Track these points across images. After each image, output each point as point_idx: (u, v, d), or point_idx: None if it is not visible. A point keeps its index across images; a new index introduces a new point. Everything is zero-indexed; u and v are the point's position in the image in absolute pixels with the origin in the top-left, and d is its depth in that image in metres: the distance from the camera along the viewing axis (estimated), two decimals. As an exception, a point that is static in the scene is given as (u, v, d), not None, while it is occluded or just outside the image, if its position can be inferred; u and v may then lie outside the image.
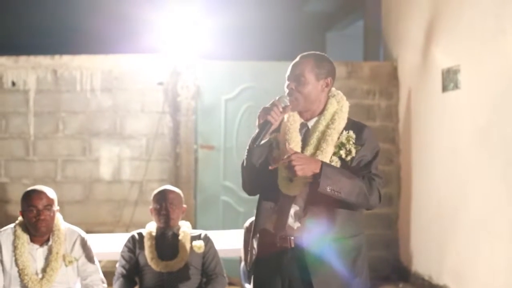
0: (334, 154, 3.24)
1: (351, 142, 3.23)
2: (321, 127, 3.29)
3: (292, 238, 3.25)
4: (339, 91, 3.45)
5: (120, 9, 8.97)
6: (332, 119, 3.30)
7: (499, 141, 5.72)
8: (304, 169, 3.10)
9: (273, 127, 3.28)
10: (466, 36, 6.28)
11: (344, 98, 3.41)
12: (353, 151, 3.23)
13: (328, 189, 3.10)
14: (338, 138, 3.25)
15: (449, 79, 6.57)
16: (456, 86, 6.46)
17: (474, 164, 6.15)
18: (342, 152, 3.23)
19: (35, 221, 4.08)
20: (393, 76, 7.96)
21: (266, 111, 3.24)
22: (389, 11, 8.32)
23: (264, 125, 3.23)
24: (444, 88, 6.68)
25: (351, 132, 3.26)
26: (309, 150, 3.27)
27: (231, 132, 7.71)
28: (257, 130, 3.27)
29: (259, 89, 7.63)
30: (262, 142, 3.28)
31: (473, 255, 6.16)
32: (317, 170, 3.11)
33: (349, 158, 3.23)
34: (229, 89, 7.75)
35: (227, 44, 8.39)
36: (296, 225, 3.25)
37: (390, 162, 7.95)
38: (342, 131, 3.28)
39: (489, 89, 5.90)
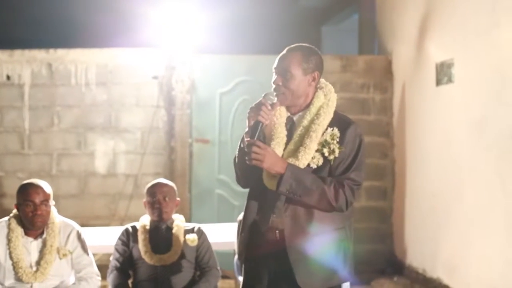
0: (317, 151, 3.22)
1: (335, 142, 3.21)
2: (305, 122, 3.28)
3: (278, 231, 3.28)
4: (327, 83, 3.41)
5: (115, 3, 8.97)
6: (318, 114, 3.27)
7: (492, 134, 5.74)
8: (269, 165, 3.16)
9: (272, 123, 3.29)
10: (459, 30, 6.29)
11: (332, 90, 3.37)
12: (337, 151, 3.21)
13: (286, 191, 3.16)
14: (323, 134, 3.24)
15: (443, 73, 6.59)
16: (449, 80, 6.47)
17: (468, 157, 6.17)
18: (326, 151, 3.21)
19: (31, 216, 4.08)
20: (388, 70, 7.97)
21: (256, 111, 3.24)
22: (384, 4, 8.33)
23: (255, 126, 3.23)
24: (438, 82, 6.70)
25: (335, 130, 3.23)
26: (291, 146, 3.27)
27: (226, 125, 7.72)
28: (246, 130, 3.28)
29: (254, 83, 7.65)
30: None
31: (466, 248, 6.19)
32: (282, 171, 3.15)
33: (331, 157, 3.22)
34: (224, 83, 7.77)
35: (222, 38, 8.39)
36: (279, 219, 3.28)
37: (385, 156, 7.97)
38: (327, 127, 3.25)
39: (482, 83, 5.91)
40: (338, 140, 3.21)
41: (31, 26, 10.08)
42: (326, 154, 3.21)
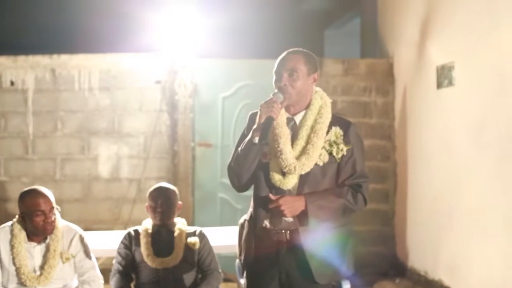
0: (324, 148, 3.37)
1: (340, 140, 3.38)
2: (309, 121, 3.42)
3: (288, 231, 3.39)
4: (319, 88, 3.56)
5: (118, 8, 9.02)
6: (320, 113, 3.43)
7: (493, 137, 5.77)
8: (292, 211, 3.31)
9: (275, 123, 3.39)
10: (460, 33, 6.32)
11: (325, 94, 3.54)
12: (344, 149, 3.38)
13: (316, 221, 3.32)
14: (327, 132, 3.39)
15: (444, 76, 6.62)
16: (450, 83, 6.50)
17: (468, 160, 6.19)
18: (334, 150, 3.37)
19: (43, 224, 4.11)
20: (389, 73, 8.00)
21: (267, 107, 3.32)
22: (385, 8, 8.36)
23: (268, 122, 3.32)
24: (439, 85, 6.73)
25: (338, 129, 3.40)
26: (299, 143, 3.40)
27: (229, 129, 7.75)
28: (253, 127, 3.38)
29: (256, 87, 7.67)
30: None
31: (468, 250, 6.21)
32: (303, 207, 3.31)
33: (340, 155, 3.38)
34: (226, 87, 7.80)
35: (224, 42, 8.42)
36: (290, 219, 3.37)
37: (387, 159, 8.00)
38: (331, 125, 3.41)
39: (482, 86, 5.94)
40: (342, 138, 3.39)
41: (34, 31, 10.11)
42: (335, 154, 3.38)
